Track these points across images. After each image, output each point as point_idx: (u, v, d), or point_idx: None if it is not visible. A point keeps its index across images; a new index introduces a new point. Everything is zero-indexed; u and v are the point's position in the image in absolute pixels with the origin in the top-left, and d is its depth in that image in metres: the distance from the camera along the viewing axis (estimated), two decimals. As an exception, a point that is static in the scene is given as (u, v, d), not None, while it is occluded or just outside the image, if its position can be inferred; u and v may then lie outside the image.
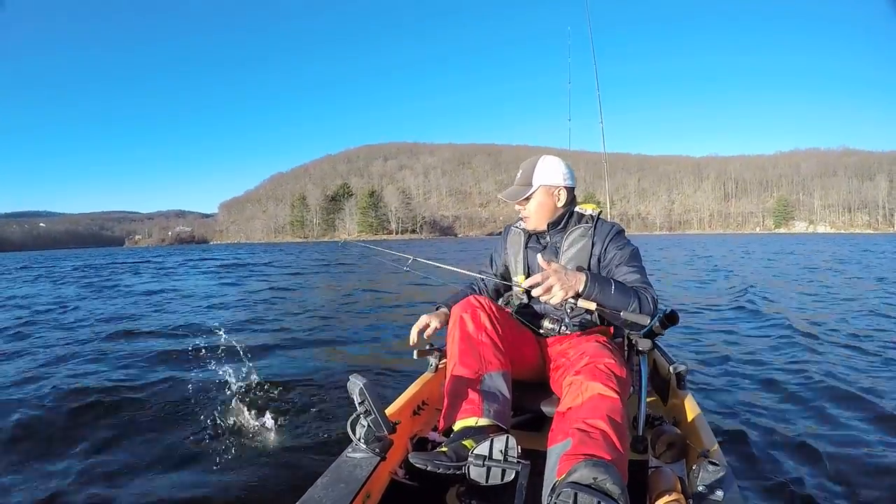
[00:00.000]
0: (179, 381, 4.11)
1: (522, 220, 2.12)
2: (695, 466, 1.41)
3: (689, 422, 1.91)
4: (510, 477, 1.44)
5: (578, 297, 1.69)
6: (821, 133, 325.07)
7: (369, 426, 1.48)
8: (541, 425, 2.01)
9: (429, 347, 2.34)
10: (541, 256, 1.75)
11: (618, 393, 1.48)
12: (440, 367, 2.37)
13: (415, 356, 2.29)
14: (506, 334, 1.85)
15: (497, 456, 1.43)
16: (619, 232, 1.99)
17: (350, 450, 1.55)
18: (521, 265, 2.12)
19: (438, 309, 2.16)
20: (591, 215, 2.04)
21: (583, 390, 1.50)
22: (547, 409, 1.84)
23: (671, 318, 2.03)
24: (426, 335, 2.07)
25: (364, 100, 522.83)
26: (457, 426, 1.62)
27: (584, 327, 2.00)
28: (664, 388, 2.40)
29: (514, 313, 2.14)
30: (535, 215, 2.03)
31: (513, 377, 1.79)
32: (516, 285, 2.08)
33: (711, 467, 1.36)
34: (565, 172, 2.01)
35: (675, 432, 1.74)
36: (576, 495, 1.14)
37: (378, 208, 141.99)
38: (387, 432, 1.49)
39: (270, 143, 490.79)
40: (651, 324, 1.76)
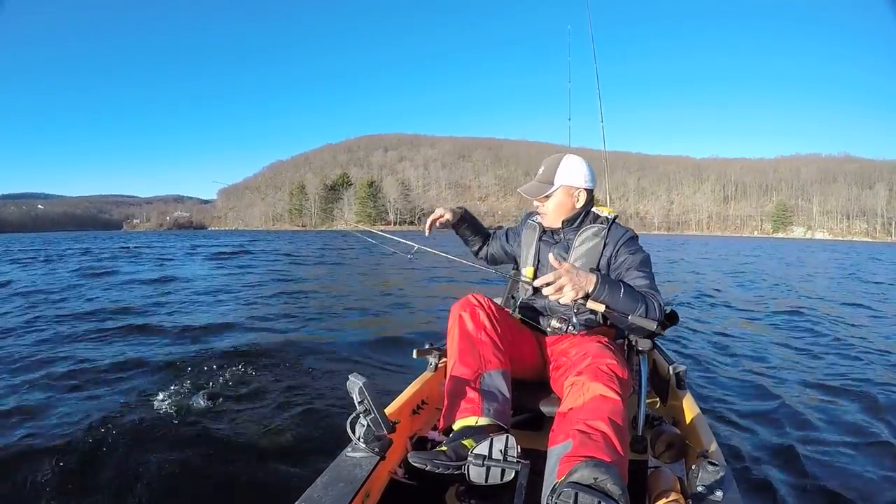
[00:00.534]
0: (167, 375, 4.11)
1: (539, 215, 2.12)
2: (694, 466, 1.41)
3: (688, 422, 1.92)
4: (510, 477, 1.44)
5: (588, 297, 1.68)
6: (822, 139, 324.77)
7: (369, 425, 1.48)
8: (540, 425, 2.01)
9: (428, 346, 2.34)
10: (552, 255, 1.74)
11: (619, 394, 1.48)
12: (440, 366, 2.36)
13: (414, 355, 2.29)
14: (505, 333, 1.85)
15: (497, 455, 1.44)
16: (633, 237, 1.98)
17: (349, 449, 1.54)
18: (532, 258, 2.13)
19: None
20: (607, 217, 2.03)
21: (584, 391, 1.49)
22: (546, 408, 1.84)
23: (671, 318, 2.03)
24: (439, 223, 2.30)
25: (366, 90, 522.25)
26: (456, 425, 1.62)
27: (589, 327, 1.99)
28: (664, 388, 2.40)
29: (516, 308, 2.14)
30: (552, 213, 2.03)
31: (512, 376, 1.79)
32: (525, 280, 2.08)
33: (711, 467, 1.36)
34: (587, 174, 2.01)
35: (674, 432, 1.75)
36: (576, 495, 1.14)
37: (377, 199, 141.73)
38: (386, 432, 1.49)
39: (271, 131, 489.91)
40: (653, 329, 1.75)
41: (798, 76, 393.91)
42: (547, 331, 2.04)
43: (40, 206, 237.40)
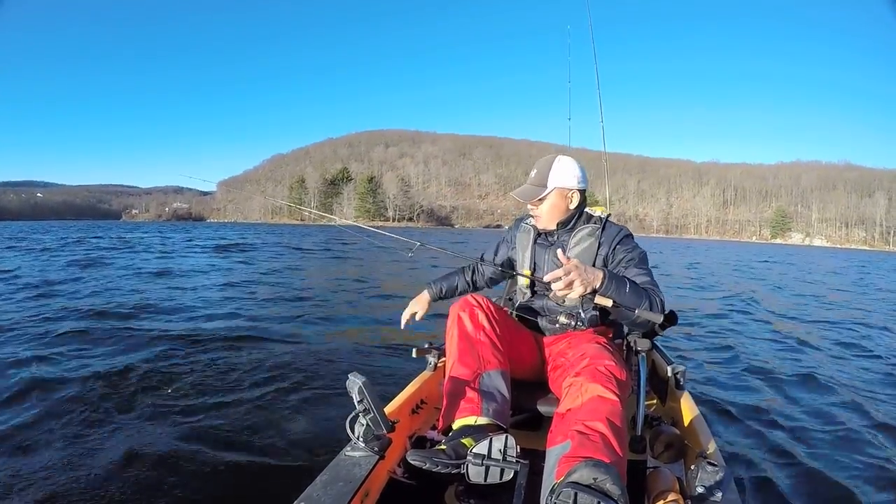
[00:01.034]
0: (166, 369, 4.09)
1: (533, 218, 2.12)
2: (693, 467, 1.41)
3: (687, 422, 1.92)
4: (509, 476, 1.44)
5: (595, 293, 1.70)
6: (823, 146, 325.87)
7: (368, 425, 1.49)
8: (539, 424, 2.02)
9: (427, 346, 2.34)
10: (560, 252, 1.76)
11: (617, 395, 1.49)
12: (439, 365, 2.37)
13: (414, 355, 2.29)
14: (504, 333, 1.86)
15: (496, 455, 1.44)
16: (627, 236, 2.00)
17: (349, 448, 1.54)
18: (528, 261, 2.13)
19: (423, 292, 2.32)
20: (600, 217, 2.05)
21: (582, 392, 1.50)
22: (545, 408, 1.85)
23: (669, 319, 2.04)
24: (417, 319, 2.28)
25: (368, 85, 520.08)
26: (456, 425, 1.63)
27: (594, 324, 2.00)
28: (663, 388, 2.41)
29: (514, 310, 2.15)
30: (546, 216, 2.03)
31: (511, 376, 1.80)
32: (535, 277, 2.08)
33: (710, 468, 1.37)
34: (579, 175, 2.01)
35: (673, 432, 1.76)
36: (576, 495, 1.15)
37: (376, 194, 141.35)
38: (385, 431, 1.50)
39: (271, 124, 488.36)
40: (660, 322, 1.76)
41: (801, 82, 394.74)
42: (547, 332, 2.05)
43: (39, 194, 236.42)
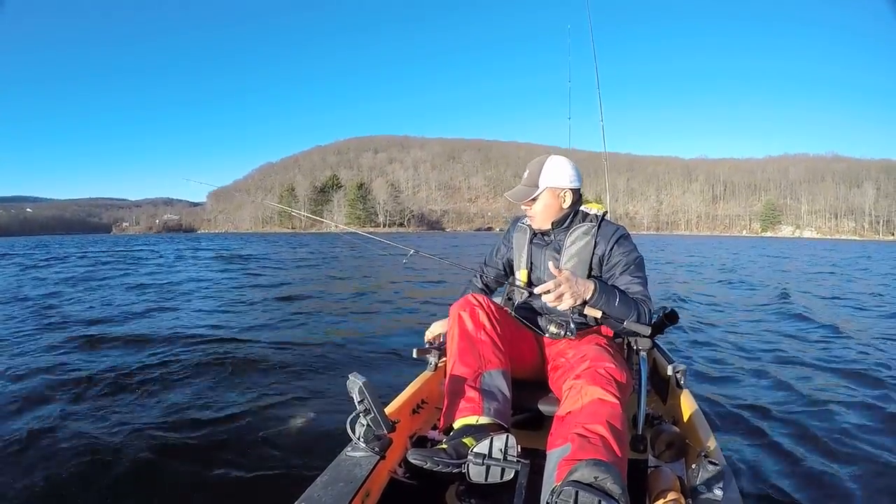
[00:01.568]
0: (165, 373, 4.09)
1: (528, 218, 2.12)
2: (694, 466, 1.41)
3: (688, 421, 1.92)
4: (510, 476, 1.44)
5: (585, 304, 1.72)
6: (811, 139, 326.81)
7: (369, 425, 1.48)
8: (540, 424, 2.01)
9: (428, 346, 2.34)
10: (551, 264, 1.78)
11: (617, 398, 1.49)
12: (439, 365, 2.36)
13: (414, 355, 2.29)
14: (505, 333, 1.86)
15: (497, 455, 1.44)
16: (624, 236, 1.97)
17: (349, 448, 1.54)
18: (525, 260, 2.13)
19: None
20: (596, 215, 2.03)
21: (582, 395, 1.50)
22: (545, 408, 1.85)
23: (671, 318, 2.04)
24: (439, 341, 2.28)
25: (355, 92, 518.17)
26: (456, 424, 1.62)
27: (585, 326, 2.00)
28: (663, 387, 2.41)
29: (514, 310, 2.15)
30: (540, 216, 2.03)
31: (512, 376, 1.79)
32: (525, 288, 2.09)
33: (711, 466, 1.37)
34: (572, 174, 1.99)
35: (674, 431, 1.76)
36: (577, 494, 1.15)
37: (366, 201, 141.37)
38: (386, 431, 1.49)
39: (260, 134, 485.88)
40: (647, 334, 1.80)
41: (786, 76, 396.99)
42: (545, 335, 2.04)
43: (29, 209, 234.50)
